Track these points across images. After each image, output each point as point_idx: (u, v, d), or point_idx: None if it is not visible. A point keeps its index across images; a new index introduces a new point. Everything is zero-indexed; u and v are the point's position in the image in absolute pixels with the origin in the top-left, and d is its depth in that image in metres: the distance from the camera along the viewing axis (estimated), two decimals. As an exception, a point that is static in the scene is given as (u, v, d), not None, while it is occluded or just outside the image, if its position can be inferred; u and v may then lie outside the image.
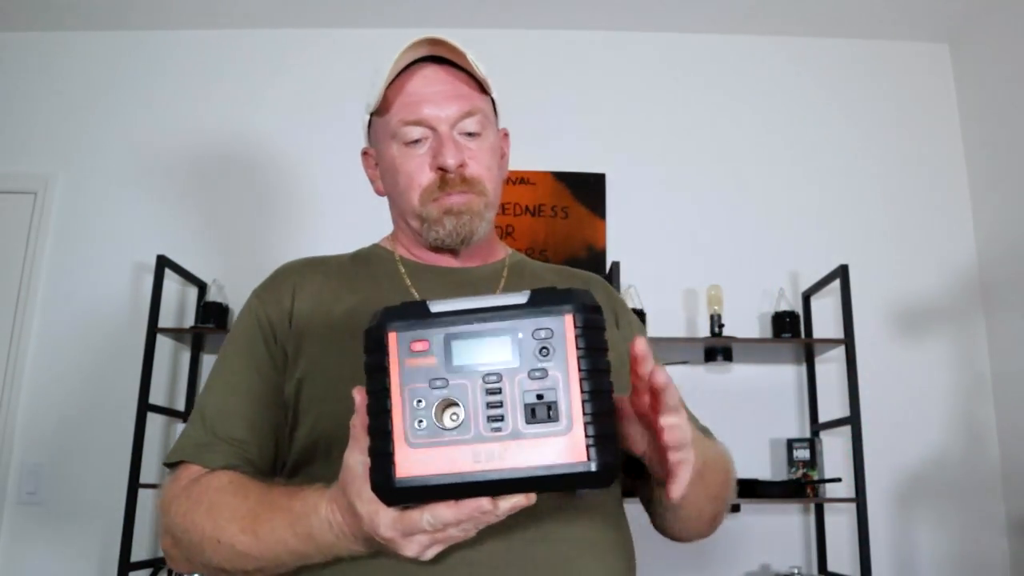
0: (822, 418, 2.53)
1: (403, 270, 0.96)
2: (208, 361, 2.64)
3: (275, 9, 2.80)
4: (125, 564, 2.18)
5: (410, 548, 0.61)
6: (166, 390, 2.58)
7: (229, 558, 0.75)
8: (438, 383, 0.55)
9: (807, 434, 2.54)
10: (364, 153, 1.03)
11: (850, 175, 2.77)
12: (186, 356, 2.61)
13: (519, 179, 2.73)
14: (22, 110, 2.83)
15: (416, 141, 0.91)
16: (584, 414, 0.54)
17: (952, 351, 2.61)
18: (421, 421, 0.55)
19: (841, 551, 2.44)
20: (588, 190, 2.73)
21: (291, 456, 0.85)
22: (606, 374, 0.56)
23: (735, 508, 2.37)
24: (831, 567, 2.42)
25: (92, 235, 2.72)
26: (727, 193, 2.75)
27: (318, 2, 2.76)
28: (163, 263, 2.42)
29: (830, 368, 2.56)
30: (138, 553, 2.33)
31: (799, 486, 2.33)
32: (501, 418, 0.55)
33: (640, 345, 0.61)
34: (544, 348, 0.56)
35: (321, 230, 2.69)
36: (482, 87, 0.95)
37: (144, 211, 2.74)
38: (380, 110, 0.94)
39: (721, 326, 2.43)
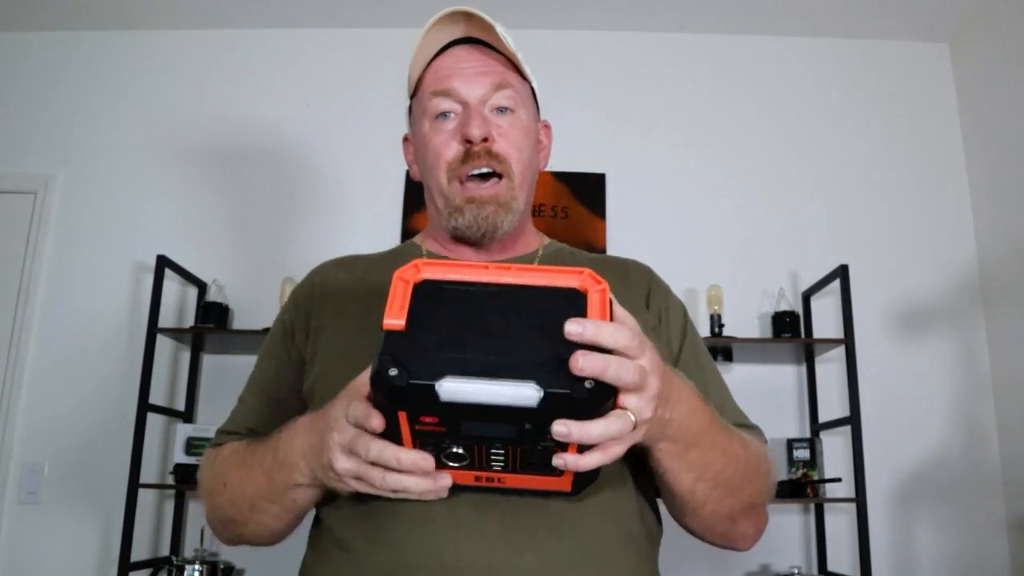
0: (822, 418, 2.53)
1: None
2: (208, 361, 2.64)
3: (275, 9, 2.80)
4: (125, 564, 2.18)
5: (340, 464, 0.67)
6: (166, 390, 2.58)
7: (230, 498, 0.83)
8: (446, 443, 0.62)
9: (807, 434, 2.54)
10: (405, 139, 1.01)
11: (850, 175, 2.77)
12: (186, 356, 2.61)
13: (519, 179, 2.72)
14: (22, 110, 2.84)
15: (445, 115, 0.89)
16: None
17: (952, 351, 2.61)
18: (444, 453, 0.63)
19: (841, 551, 2.44)
20: (588, 190, 2.73)
21: None
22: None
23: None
24: (831, 567, 2.42)
25: (92, 235, 2.72)
26: (727, 193, 2.75)
27: (317, 2, 2.76)
28: (163, 263, 2.42)
29: (830, 368, 2.56)
30: (138, 553, 2.33)
31: (799, 486, 2.33)
32: (503, 462, 0.63)
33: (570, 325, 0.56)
34: (547, 437, 0.59)
35: (322, 230, 2.69)
36: (520, 71, 0.94)
37: (144, 211, 2.74)
38: (415, 90, 0.94)
39: (721, 326, 2.43)
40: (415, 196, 2.71)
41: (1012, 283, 2.51)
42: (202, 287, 2.60)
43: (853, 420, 2.25)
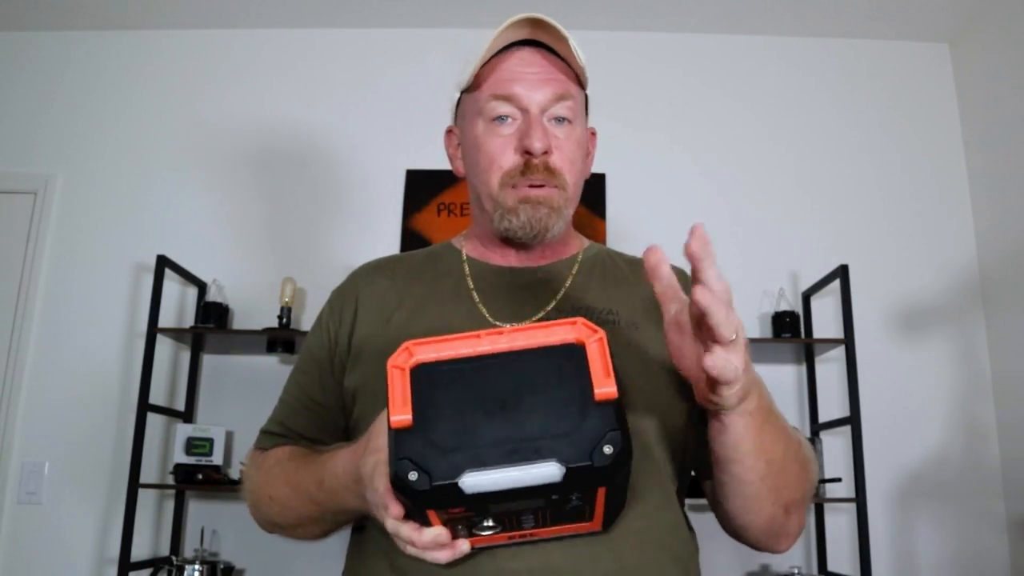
0: (822, 418, 2.53)
1: (467, 270, 0.94)
2: (208, 361, 2.64)
3: (275, 9, 2.80)
4: (125, 564, 2.18)
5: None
6: (166, 390, 2.58)
7: (279, 511, 0.86)
8: (476, 520, 0.62)
9: (807, 434, 2.54)
10: (448, 131, 1.00)
11: (850, 175, 2.77)
12: (186, 356, 2.61)
13: (519, 179, 2.72)
14: (22, 110, 2.84)
15: (503, 119, 0.87)
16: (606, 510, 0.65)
17: (952, 351, 2.61)
18: (463, 531, 0.65)
19: (841, 551, 2.44)
20: (588, 190, 2.70)
21: None
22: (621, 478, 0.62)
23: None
24: (831, 567, 2.42)
25: (92, 235, 2.72)
26: (727, 193, 2.75)
27: (317, 2, 2.76)
28: (163, 263, 2.42)
29: (830, 368, 2.56)
30: (138, 553, 2.33)
31: (799, 486, 2.32)
32: (534, 523, 0.65)
33: (694, 244, 0.58)
34: (576, 508, 0.62)
35: (322, 230, 2.69)
36: (578, 79, 0.92)
37: (144, 211, 2.74)
38: (471, 87, 0.90)
39: (721, 326, 2.43)
40: (415, 196, 2.71)
41: (1012, 283, 2.51)
42: (202, 287, 2.60)
43: (853, 420, 2.25)
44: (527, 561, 0.72)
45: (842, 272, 2.37)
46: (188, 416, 2.53)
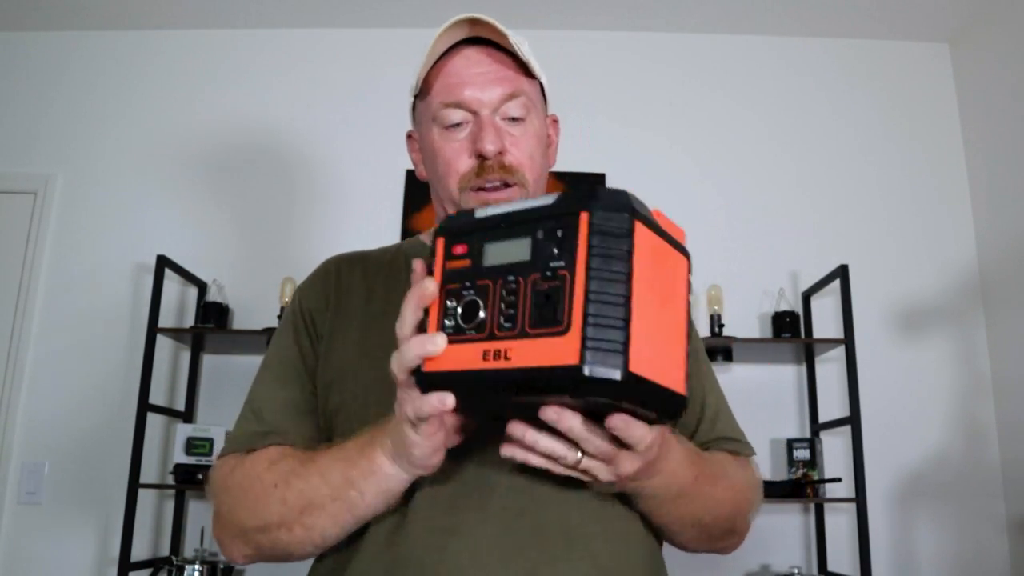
0: (822, 418, 2.53)
1: None
2: (208, 361, 2.64)
3: (275, 9, 2.80)
4: (125, 564, 2.18)
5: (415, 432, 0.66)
6: (166, 390, 2.58)
7: (284, 498, 0.76)
8: (467, 284, 0.60)
9: (807, 434, 2.54)
10: (409, 136, 1.00)
11: (850, 175, 2.77)
12: (186, 356, 2.61)
13: (519, 179, 2.72)
14: (22, 110, 2.83)
15: (457, 125, 0.87)
16: (584, 315, 0.53)
17: (952, 351, 2.61)
18: (450, 320, 0.60)
19: (841, 551, 2.44)
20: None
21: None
22: (618, 279, 0.54)
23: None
24: (831, 567, 2.42)
25: (92, 235, 2.72)
26: (727, 193, 2.75)
27: (317, 2, 2.76)
28: (163, 263, 2.42)
29: (830, 368, 2.56)
30: (138, 553, 2.33)
31: (799, 486, 2.33)
32: (512, 317, 0.57)
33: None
34: (557, 248, 0.56)
35: (322, 230, 2.69)
36: (528, 70, 0.91)
37: (144, 211, 2.74)
38: (422, 92, 0.91)
39: (721, 326, 2.43)
40: (415, 196, 2.71)
41: (1012, 283, 2.51)
42: (202, 287, 2.60)
43: (853, 420, 2.25)
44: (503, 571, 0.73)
45: (842, 272, 2.37)
46: (188, 416, 2.53)
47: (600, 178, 2.74)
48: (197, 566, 2.23)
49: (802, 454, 2.40)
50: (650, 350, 0.55)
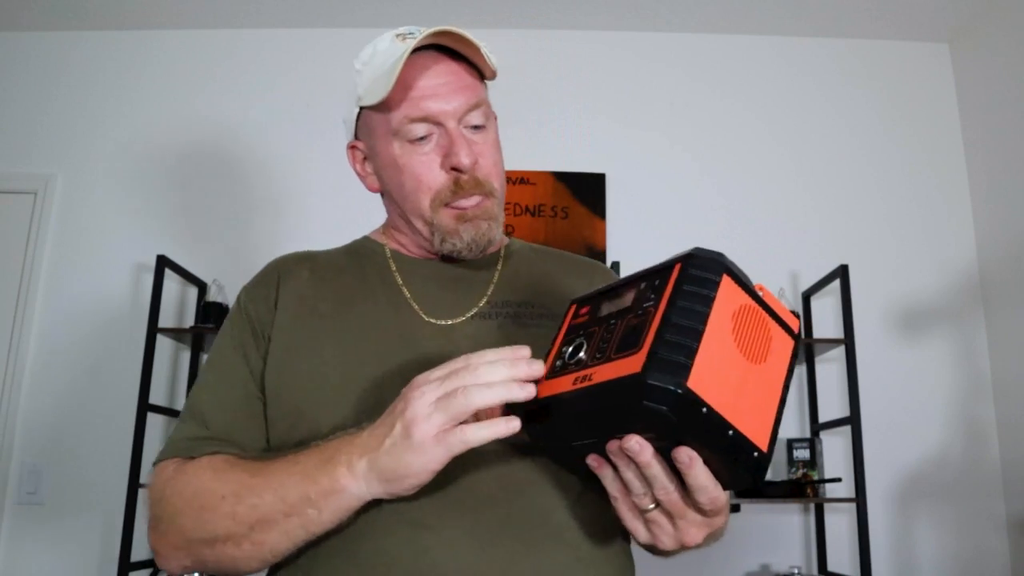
0: (822, 418, 2.53)
1: (394, 266, 0.92)
2: (208, 361, 2.64)
3: (275, 9, 2.80)
4: (125, 564, 2.18)
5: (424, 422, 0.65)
6: (166, 390, 2.58)
7: (233, 512, 0.72)
8: (581, 332, 0.68)
9: (807, 434, 2.54)
10: (351, 147, 0.95)
11: (850, 175, 2.77)
12: (186, 356, 2.61)
13: (519, 179, 2.73)
14: (22, 110, 2.83)
15: (422, 138, 0.85)
16: (656, 335, 0.59)
17: (952, 351, 2.61)
18: (559, 360, 0.68)
19: (841, 551, 2.44)
20: (588, 190, 2.73)
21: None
22: (695, 315, 0.59)
23: (735, 508, 2.37)
24: (831, 567, 2.42)
25: (92, 235, 2.72)
26: (727, 193, 2.75)
27: (317, 2, 2.76)
28: (163, 263, 2.42)
29: (830, 368, 2.56)
30: (138, 553, 2.33)
31: (799, 486, 2.33)
32: (604, 349, 0.63)
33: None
34: (652, 293, 0.64)
35: (322, 229, 2.68)
36: (481, 75, 0.89)
37: (144, 211, 2.74)
38: (380, 104, 0.86)
39: (721, 326, 2.43)
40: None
41: (1012, 283, 2.51)
42: (202, 287, 2.60)
43: (853, 420, 2.25)
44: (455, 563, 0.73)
45: (842, 272, 2.37)
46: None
47: (600, 178, 2.74)
48: (197, 566, 2.23)
49: (802, 454, 2.40)
50: (722, 386, 0.58)
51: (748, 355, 0.61)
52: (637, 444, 0.60)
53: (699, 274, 0.62)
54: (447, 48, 0.87)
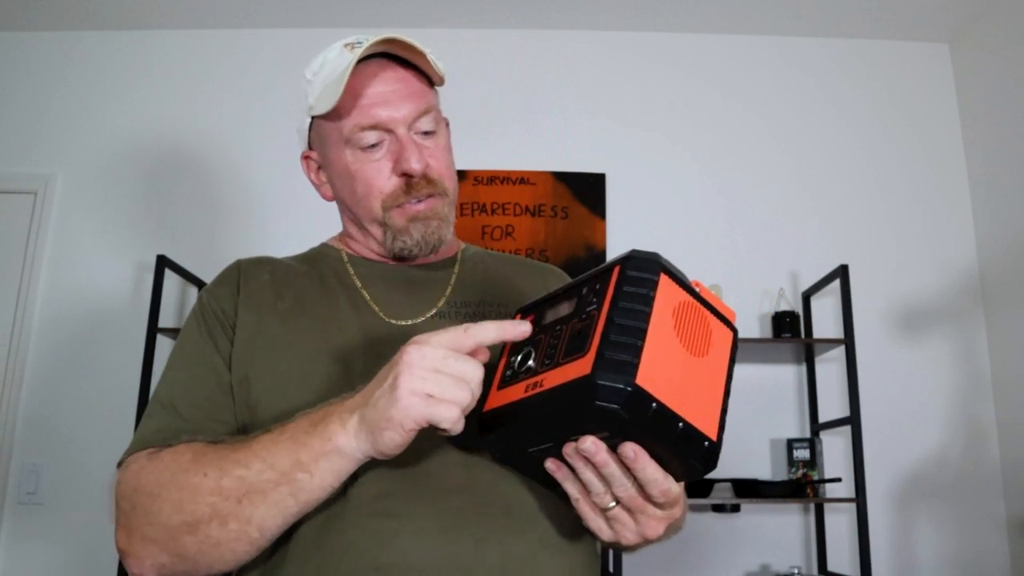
0: (822, 418, 2.53)
1: (352, 270, 0.93)
2: (208, 361, 2.64)
3: (275, 9, 2.80)
4: (125, 564, 2.18)
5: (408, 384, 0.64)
6: (166, 390, 2.58)
7: (217, 488, 0.70)
8: (527, 341, 0.70)
9: (807, 434, 2.54)
10: (305, 157, 0.97)
11: (850, 175, 2.78)
12: (186, 356, 2.60)
13: (519, 179, 2.73)
14: (22, 110, 2.83)
15: (373, 146, 0.87)
16: (601, 337, 0.61)
17: (952, 351, 2.61)
18: (509, 370, 0.70)
19: (841, 551, 2.44)
20: (588, 190, 2.73)
21: None
22: (636, 314, 0.62)
23: (735, 508, 2.37)
24: (831, 567, 2.42)
25: (92, 235, 2.72)
26: (727, 193, 2.75)
27: (319, 2, 2.76)
28: (163, 263, 2.42)
29: (830, 368, 2.56)
30: (138, 553, 2.33)
31: (799, 486, 2.33)
32: (552, 355, 0.66)
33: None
34: (595, 297, 0.65)
35: (322, 229, 2.68)
36: (429, 80, 0.91)
37: (144, 211, 2.74)
38: (329, 113, 0.87)
39: (721, 326, 2.43)
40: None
41: (1012, 283, 2.51)
42: (202, 287, 2.60)
43: (853, 420, 2.25)
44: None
45: (842, 272, 2.37)
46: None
47: (600, 178, 2.74)
48: (197, 566, 2.23)
49: (802, 454, 2.40)
50: (668, 381, 0.60)
51: (691, 349, 0.64)
52: (592, 445, 0.62)
53: (637, 275, 0.64)
54: (396, 56, 0.88)
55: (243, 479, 0.69)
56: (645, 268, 0.64)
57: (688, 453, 0.62)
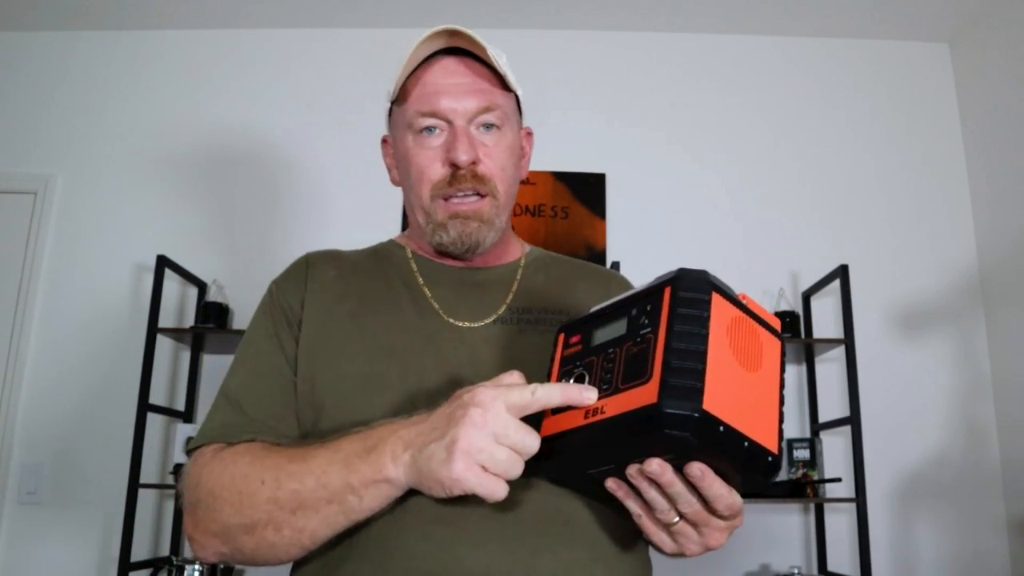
0: (822, 418, 2.53)
1: (415, 268, 0.95)
2: (208, 361, 2.64)
3: (275, 9, 2.80)
4: (125, 564, 2.18)
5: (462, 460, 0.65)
6: (166, 390, 2.58)
7: (273, 496, 0.72)
8: (578, 364, 0.70)
9: (807, 434, 2.54)
10: (384, 141, 1.01)
11: (850, 175, 2.78)
12: (186, 356, 2.61)
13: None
14: (22, 110, 2.83)
15: (431, 133, 0.88)
16: (663, 364, 0.61)
17: (952, 351, 2.61)
18: None
19: (841, 551, 2.44)
20: (588, 190, 2.73)
21: None
22: (695, 336, 0.62)
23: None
24: (831, 567, 2.42)
25: (92, 235, 2.72)
26: (727, 193, 2.75)
27: (317, 2, 2.76)
28: (163, 263, 2.42)
29: (830, 368, 2.56)
30: (138, 553, 2.33)
31: (799, 486, 2.33)
32: (609, 380, 0.65)
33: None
34: (647, 319, 0.65)
35: (322, 229, 2.69)
36: (504, 82, 0.92)
37: (144, 211, 2.74)
38: (399, 99, 0.92)
39: (721, 326, 2.43)
40: (415, 196, 2.70)
41: (1012, 283, 2.51)
42: (202, 287, 2.60)
43: (853, 420, 2.25)
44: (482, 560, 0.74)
45: (842, 272, 2.37)
46: (188, 416, 2.53)
47: (600, 178, 2.74)
48: (197, 566, 2.23)
49: (802, 454, 2.40)
50: (731, 401, 0.61)
51: (746, 365, 0.64)
52: (659, 467, 0.62)
53: (690, 295, 0.64)
54: (472, 55, 0.91)
55: (297, 493, 0.72)
56: (697, 288, 0.64)
57: (752, 468, 0.63)
